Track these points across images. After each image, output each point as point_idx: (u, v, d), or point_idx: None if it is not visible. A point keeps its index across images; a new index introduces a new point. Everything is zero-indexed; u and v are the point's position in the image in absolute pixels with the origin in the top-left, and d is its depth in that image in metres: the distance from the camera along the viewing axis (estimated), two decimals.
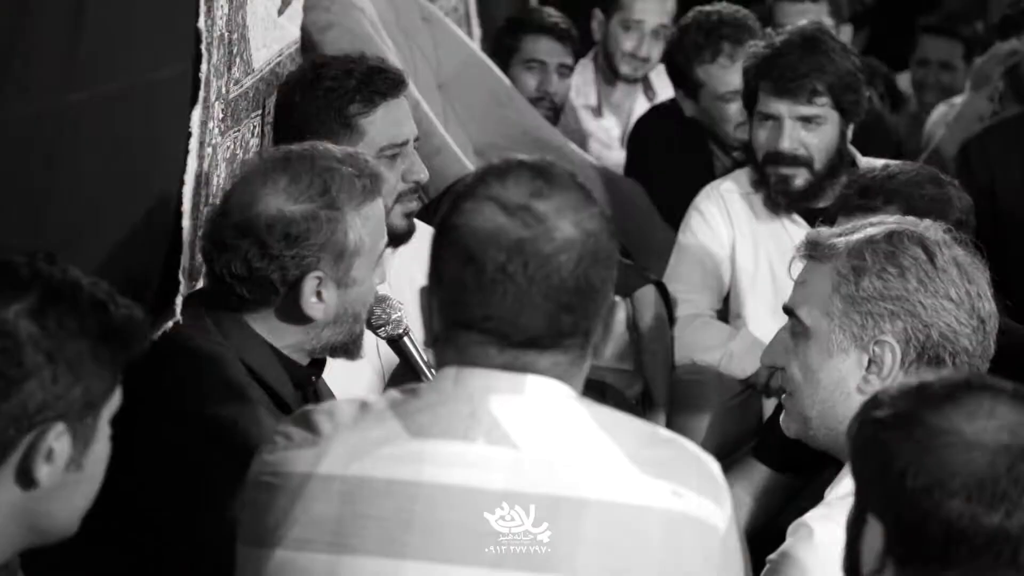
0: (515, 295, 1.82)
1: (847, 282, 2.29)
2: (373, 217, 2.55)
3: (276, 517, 1.86)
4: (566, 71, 5.14)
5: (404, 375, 2.73)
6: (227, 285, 2.52)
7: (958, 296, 2.27)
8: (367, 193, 2.54)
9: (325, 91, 3.16)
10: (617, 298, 1.93)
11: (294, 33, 3.68)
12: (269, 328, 2.54)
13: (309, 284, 2.49)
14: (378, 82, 3.17)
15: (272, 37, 3.42)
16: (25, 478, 1.70)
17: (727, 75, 4.55)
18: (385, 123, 3.18)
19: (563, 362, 1.87)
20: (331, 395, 2.78)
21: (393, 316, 2.72)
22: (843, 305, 2.29)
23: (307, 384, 2.63)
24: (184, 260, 2.79)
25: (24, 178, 2.33)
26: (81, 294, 1.72)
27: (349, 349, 2.60)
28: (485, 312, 1.83)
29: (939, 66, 6.34)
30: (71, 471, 1.73)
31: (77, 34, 2.40)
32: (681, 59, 4.64)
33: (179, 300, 2.69)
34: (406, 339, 2.73)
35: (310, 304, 2.50)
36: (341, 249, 2.50)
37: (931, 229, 2.33)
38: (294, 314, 2.52)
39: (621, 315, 1.94)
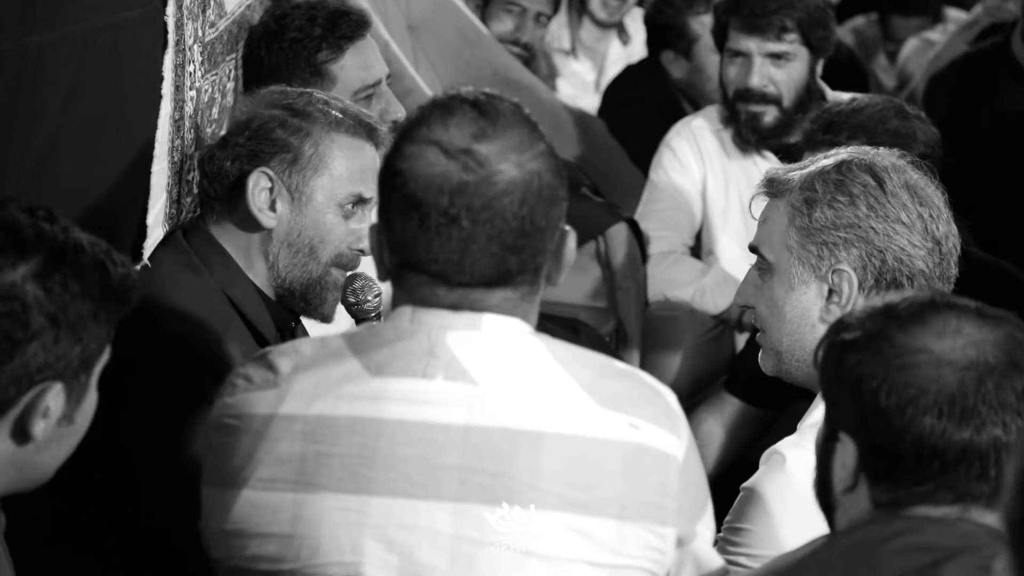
0: (460, 239, 1.84)
1: (801, 214, 2.33)
2: (351, 152, 2.57)
3: (240, 458, 1.87)
4: (544, 19, 5.12)
5: None
6: (203, 191, 2.60)
7: (909, 219, 2.30)
8: (349, 128, 2.57)
9: (291, 42, 3.15)
10: (568, 227, 1.94)
11: None
12: (228, 236, 2.57)
13: (256, 177, 2.53)
14: (343, 26, 3.16)
15: None
16: (21, 434, 1.73)
17: None
18: (355, 66, 3.18)
19: (513, 297, 1.89)
20: None
21: (370, 297, 2.70)
22: (799, 237, 2.33)
23: (287, 328, 2.64)
24: (155, 206, 2.78)
25: None
26: (84, 256, 1.74)
27: (311, 301, 2.58)
28: (431, 256, 1.85)
29: None
30: (63, 426, 1.77)
31: None
32: (671, 14, 4.63)
33: (147, 246, 2.68)
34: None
35: (258, 202, 2.53)
36: (297, 155, 2.54)
37: (882, 156, 2.36)
38: (248, 220, 2.55)
39: (572, 243, 1.93)
